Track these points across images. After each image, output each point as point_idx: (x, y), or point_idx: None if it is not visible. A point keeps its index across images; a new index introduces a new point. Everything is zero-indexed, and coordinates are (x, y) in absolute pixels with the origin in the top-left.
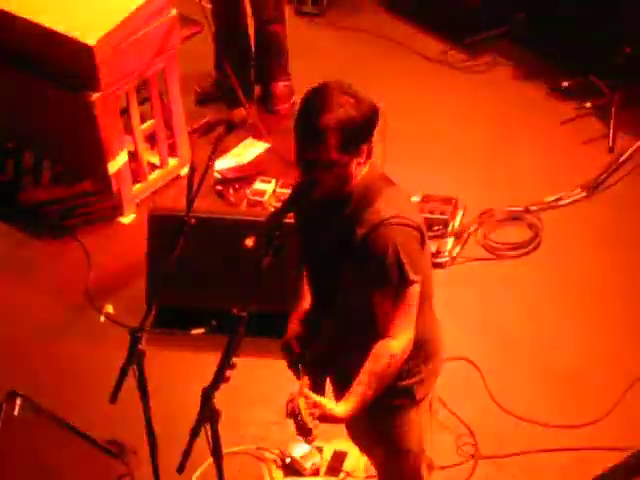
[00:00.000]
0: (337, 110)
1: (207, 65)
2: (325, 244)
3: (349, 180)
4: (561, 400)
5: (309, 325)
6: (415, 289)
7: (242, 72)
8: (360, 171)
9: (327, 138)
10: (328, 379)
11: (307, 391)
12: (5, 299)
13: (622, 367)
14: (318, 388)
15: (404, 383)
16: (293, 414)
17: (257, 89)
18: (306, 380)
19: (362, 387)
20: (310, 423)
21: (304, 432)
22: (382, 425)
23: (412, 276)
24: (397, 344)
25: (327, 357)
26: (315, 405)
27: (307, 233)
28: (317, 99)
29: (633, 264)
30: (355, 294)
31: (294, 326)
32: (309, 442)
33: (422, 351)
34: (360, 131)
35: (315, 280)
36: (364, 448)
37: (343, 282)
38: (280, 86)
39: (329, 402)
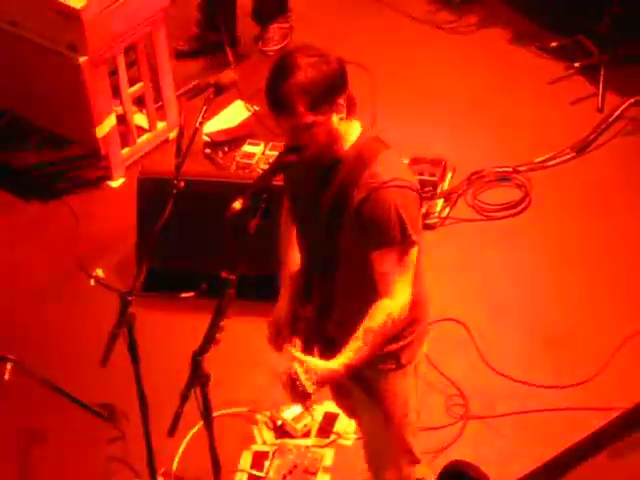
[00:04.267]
0: (297, 74)
1: (194, 27)
2: (320, 209)
3: (335, 137)
4: (551, 360)
5: (300, 291)
6: (415, 250)
7: (227, 27)
8: (347, 128)
9: (294, 104)
10: (316, 346)
11: (299, 354)
12: None
13: (612, 327)
14: (309, 352)
15: (390, 348)
16: (292, 381)
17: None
18: (298, 343)
19: (358, 342)
20: (309, 387)
21: (303, 397)
22: (368, 389)
23: (414, 237)
24: (395, 304)
25: (317, 323)
26: (309, 368)
27: (299, 200)
28: (278, 68)
29: (622, 223)
30: (351, 258)
31: (283, 303)
32: (307, 407)
33: (409, 316)
34: (326, 88)
35: (308, 248)
36: (350, 413)
37: (338, 247)
38: (274, 28)
39: (321, 362)
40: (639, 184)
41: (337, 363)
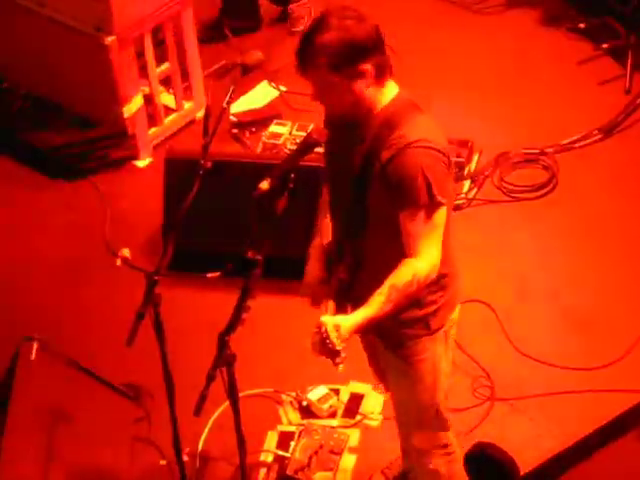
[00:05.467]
0: (324, 34)
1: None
2: (351, 169)
3: (361, 101)
4: (578, 342)
5: (333, 252)
6: (442, 211)
7: (250, 11)
8: (377, 92)
9: (315, 62)
10: (349, 307)
11: (326, 316)
12: (22, 244)
13: (639, 309)
14: (342, 313)
15: (420, 313)
16: (321, 339)
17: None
18: (331, 305)
19: (381, 297)
20: (339, 345)
21: (332, 354)
22: (398, 354)
23: (440, 197)
24: (422, 265)
25: (350, 284)
26: (337, 325)
27: (333, 160)
28: (311, 26)
29: None
30: (379, 218)
31: (310, 268)
32: (338, 364)
33: (439, 282)
34: (351, 51)
35: (339, 209)
36: (383, 379)
37: (367, 207)
38: (295, 8)
39: (343, 316)
40: None
41: (360, 316)
